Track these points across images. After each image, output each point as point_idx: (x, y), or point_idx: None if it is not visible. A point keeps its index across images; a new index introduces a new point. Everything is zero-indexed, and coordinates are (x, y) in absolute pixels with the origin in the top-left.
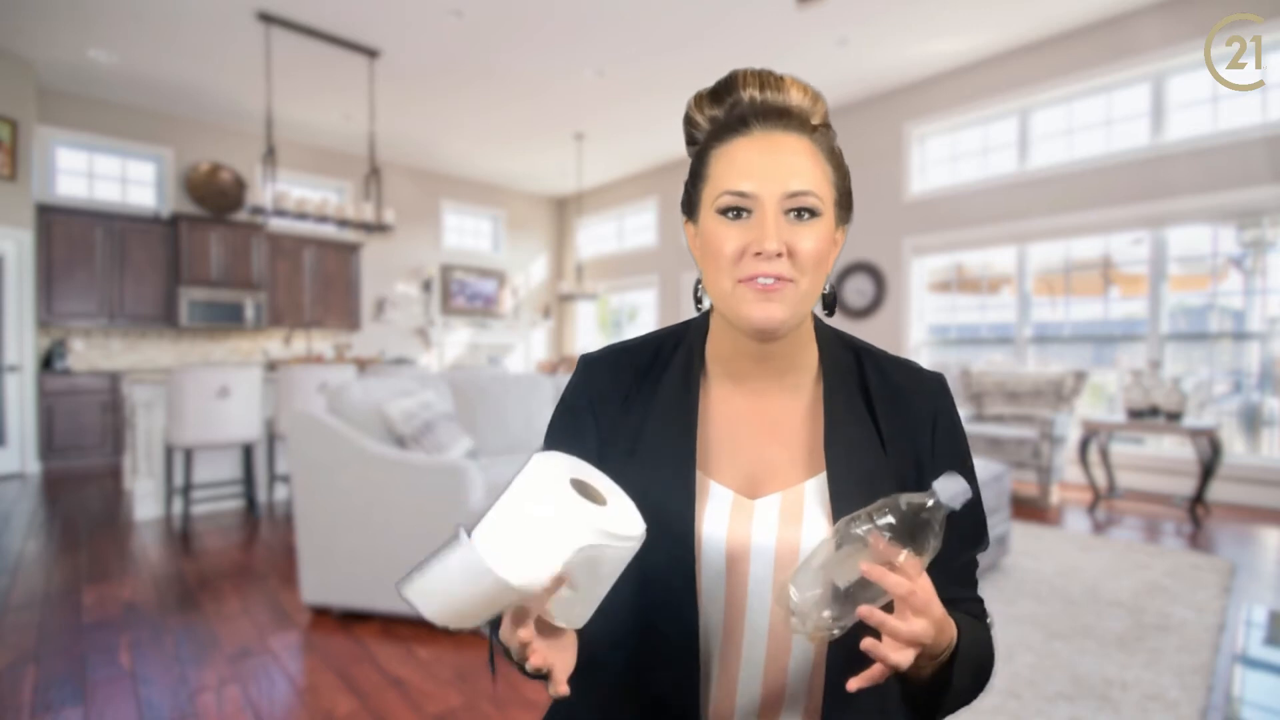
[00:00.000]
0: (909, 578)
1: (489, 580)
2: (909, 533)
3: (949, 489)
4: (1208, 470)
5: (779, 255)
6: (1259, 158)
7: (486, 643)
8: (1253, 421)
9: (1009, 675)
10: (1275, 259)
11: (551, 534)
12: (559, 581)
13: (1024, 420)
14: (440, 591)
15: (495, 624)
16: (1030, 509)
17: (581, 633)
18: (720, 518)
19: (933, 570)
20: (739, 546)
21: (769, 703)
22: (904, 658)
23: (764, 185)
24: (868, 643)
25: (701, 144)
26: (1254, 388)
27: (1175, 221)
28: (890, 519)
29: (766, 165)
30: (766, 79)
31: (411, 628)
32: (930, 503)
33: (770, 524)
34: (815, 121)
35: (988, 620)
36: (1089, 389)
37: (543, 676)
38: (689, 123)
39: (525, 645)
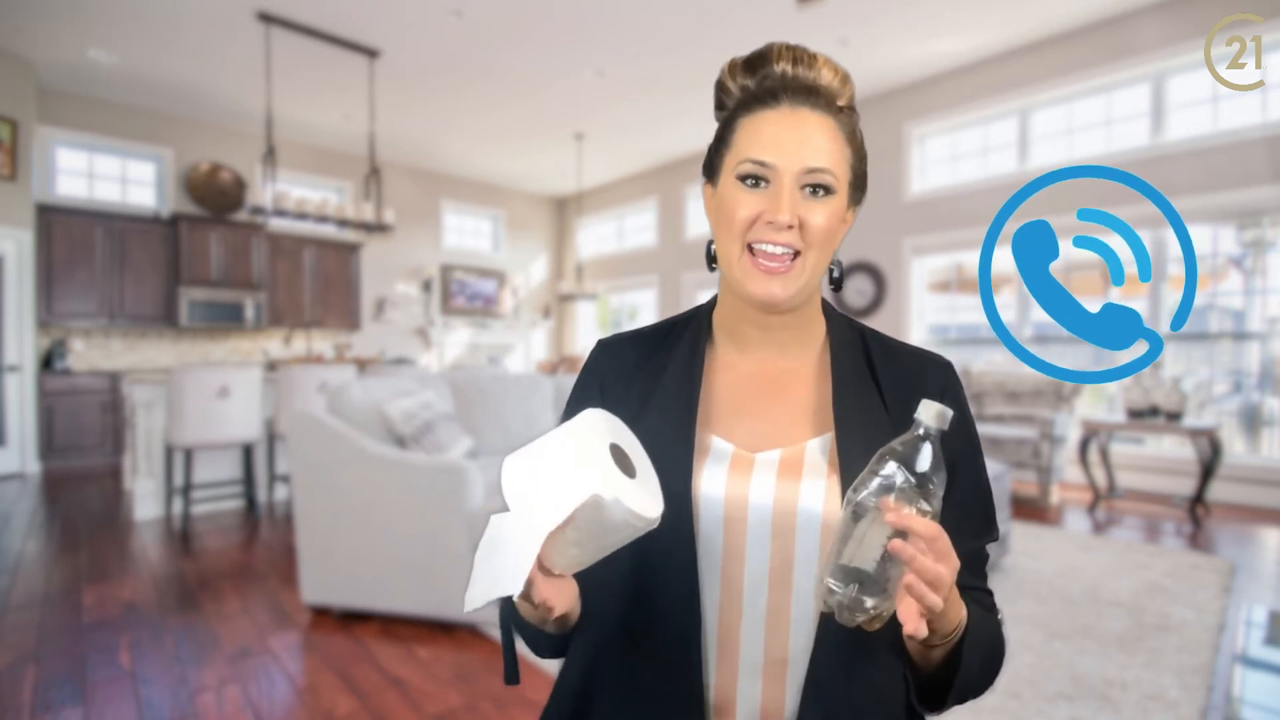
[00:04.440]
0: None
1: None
2: (913, 473)
3: (929, 412)
4: (1208, 470)
5: (790, 227)
6: (1259, 158)
7: (487, 643)
8: (1253, 421)
9: (1009, 675)
10: (1275, 259)
11: (572, 481)
12: (566, 522)
13: (1024, 420)
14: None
15: (508, 627)
16: (1030, 509)
17: (580, 587)
18: (719, 470)
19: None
20: (737, 496)
21: (773, 657)
22: (936, 600)
23: (784, 158)
24: (909, 579)
25: (730, 111)
26: (1254, 388)
27: None
28: (891, 464)
29: (789, 139)
30: (800, 55)
31: (411, 628)
32: (921, 430)
33: (768, 479)
34: (841, 103)
35: (998, 615)
36: (1089, 389)
37: (543, 643)
38: (720, 88)
39: (530, 582)
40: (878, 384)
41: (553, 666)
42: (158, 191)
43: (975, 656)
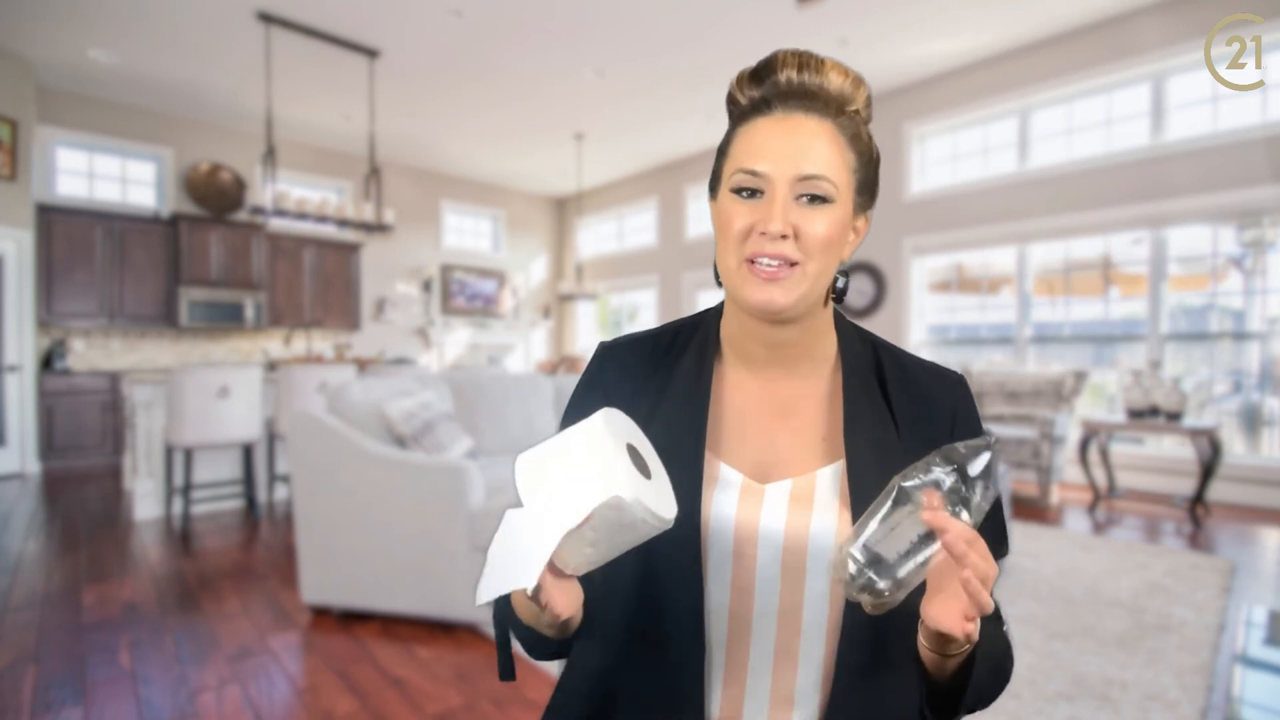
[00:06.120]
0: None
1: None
2: (963, 479)
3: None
4: (1208, 470)
5: (784, 237)
6: (1259, 158)
7: (487, 643)
8: (1253, 421)
9: None
10: (1275, 259)
11: (591, 480)
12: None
13: (1024, 420)
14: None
15: (504, 627)
16: (1030, 509)
17: (586, 612)
18: (729, 501)
19: None
20: (747, 530)
21: (781, 689)
22: (989, 601)
23: (776, 166)
24: (966, 574)
25: (731, 123)
26: (1254, 388)
27: (1175, 221)
28: (945, 463)
29: (781, 147)
30: (806, 61)
31: (411, 628)
32: (987, 440)
33: (779, 510)
34: (851, 107)
35: (1005, 628)
36: (1089, 389)
37: (539, 647)
38: (730, 101)
39: (539, 584)
40: (889, 404)
41: (552, 666)
42: (158, 191)
43: (988, 665)
